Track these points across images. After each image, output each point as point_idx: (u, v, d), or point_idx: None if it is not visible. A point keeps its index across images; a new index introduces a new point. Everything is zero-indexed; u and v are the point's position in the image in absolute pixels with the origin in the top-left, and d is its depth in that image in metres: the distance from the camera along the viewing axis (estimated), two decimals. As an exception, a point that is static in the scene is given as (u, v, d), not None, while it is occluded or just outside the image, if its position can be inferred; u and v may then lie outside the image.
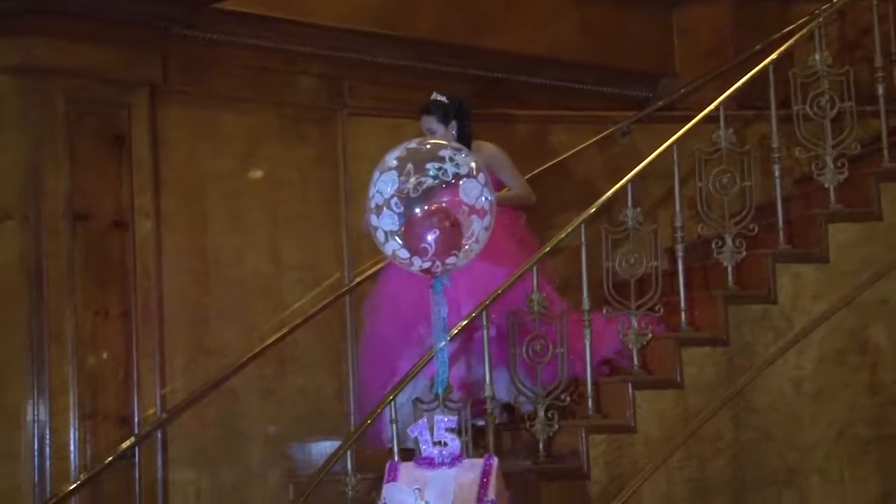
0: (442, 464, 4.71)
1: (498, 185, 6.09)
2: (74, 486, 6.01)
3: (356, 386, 6.78)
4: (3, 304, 6.12)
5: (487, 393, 5.73)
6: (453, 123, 6.35)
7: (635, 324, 6.03)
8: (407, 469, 4.76)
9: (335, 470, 5.55)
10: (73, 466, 6.08)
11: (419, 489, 4.40)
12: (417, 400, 5.55)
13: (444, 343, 5.17)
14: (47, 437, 6.05)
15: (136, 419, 6.29)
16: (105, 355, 6.29)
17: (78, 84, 6.30)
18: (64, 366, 6.12)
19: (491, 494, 4.62)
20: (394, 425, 5.47)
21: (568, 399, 5.90)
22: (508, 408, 6.16)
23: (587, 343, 5.95)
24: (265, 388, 6.83)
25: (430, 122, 6.34)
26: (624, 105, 8.10)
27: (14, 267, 6.14)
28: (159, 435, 6.38)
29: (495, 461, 4.77)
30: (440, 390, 5.43)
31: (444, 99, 6.38)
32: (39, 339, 6.12)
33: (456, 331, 5.63)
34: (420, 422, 4.84)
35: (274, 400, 6.84)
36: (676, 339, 6.14)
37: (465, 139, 6.26)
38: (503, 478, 4.76)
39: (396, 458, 5.23)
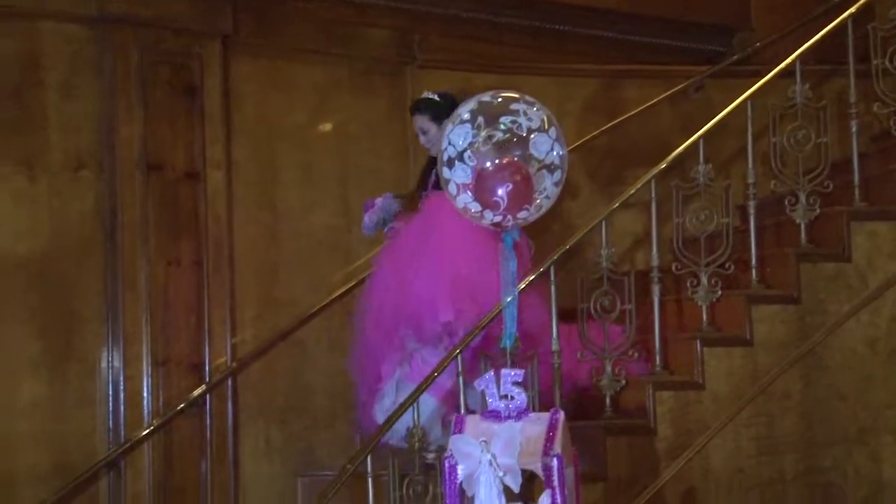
0: (508, 417, 4.75)
1: None
2: (147, 431, 6.14)
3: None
4: (79, 254, 6.20)
5: (554, 347, 5.77)
6: (446, 122, 6.09)
7: (704, 281, 6.05)
8: (473, 422, 4.80)
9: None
10: (145, 413, 6.20)
11: (485, 441, 4.44)
12: (484, 355, 5.60)
13: (511, 297, 5.22)
14: (121, 383, 6.18)
15: (206, 367, 6.40)
16: (177, 304, 6.38)
17: (151, 34, 6.36)
18: (137, 314, 6.23)
19: (557, 448, 4.66)
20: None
21: (636, 355, 5.92)
22: None
23: (656, 303, 5.97)
24: (332, 339, 6.88)
25: (423, 121, 6.19)
26: (697, 60, 8.02)
27: (89, 216, 6.23)
28: (230, 383, 6.48)
29: (562, 415, 4.81)
30: (508, 344, 5.49)
31: (435, 97, 6.19)
32: (114, 288, 6.23)
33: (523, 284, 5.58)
34: (487, 375, 4.90)
35: (341, 352, 6.90)
36: (747, 297, 6.13)
37: None
38: (569, 432, 4.82)
39: (463, 410, 5.31)
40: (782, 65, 6.32)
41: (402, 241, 6.07)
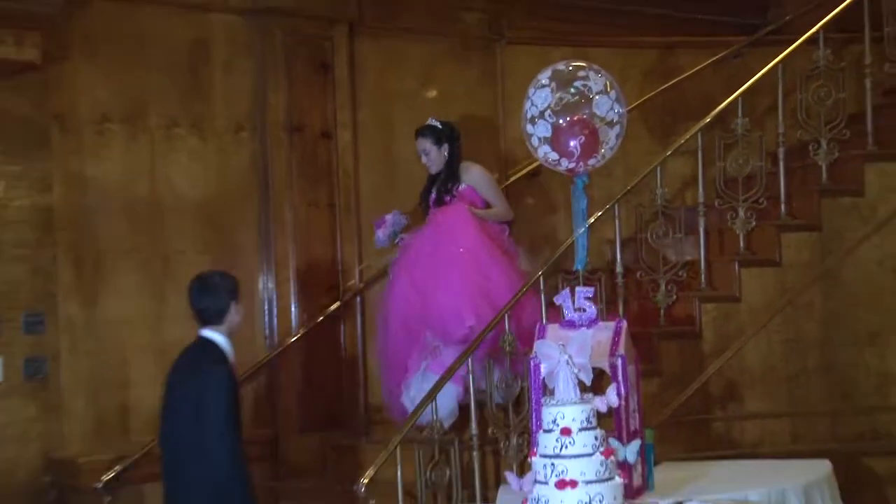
0: (581, 325, 4.83)
1: (483, 204, 5.98)
2: (294, 339, 6.29)
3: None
4: (240, 199, 6.33)
5: (619, 269, 5.84)
6: (445, 145, 5.96)
7: (742, 214, 6.09)
8: (553, 330, 4.90)
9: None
10: (293, 324, 6.34)
11: (563, 345, 4.53)
12: (563, 272, 5.67)
13: (583, 230, 5.32)
14: (274, 301, 6.33)
15: (340, 288, 6.51)
16: (316, 237, 6.48)
17: (292, 22, 6.43)
18: (285, 246, 6.36)
19: (621, 350, 4.77)
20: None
21: (685, 275, 5.99)
22: None
23: (701, 232, 5.98)
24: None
25: (425, 143, 5.97)
26: (737, 31, 7.93)
27: (246, 168, 6.36)
28: (358, 300, 6.60)
29: (625, 324, 4.90)
30: (580, 267, 5.59)
31: (437, 124, 5.98)
32: (266, 226, 6.36)
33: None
34: (564, 291, 5.00)
35: None
36: (777, 226, 6.18)
37: (454, 159, 5.98)
38: (631, 338, 4.92)
39: (545, 321, 5.32)
40: (808, 34, 6.29)
41: (416, 253, 5.84)
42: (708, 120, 6.10)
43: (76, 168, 5.79)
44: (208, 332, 4.59)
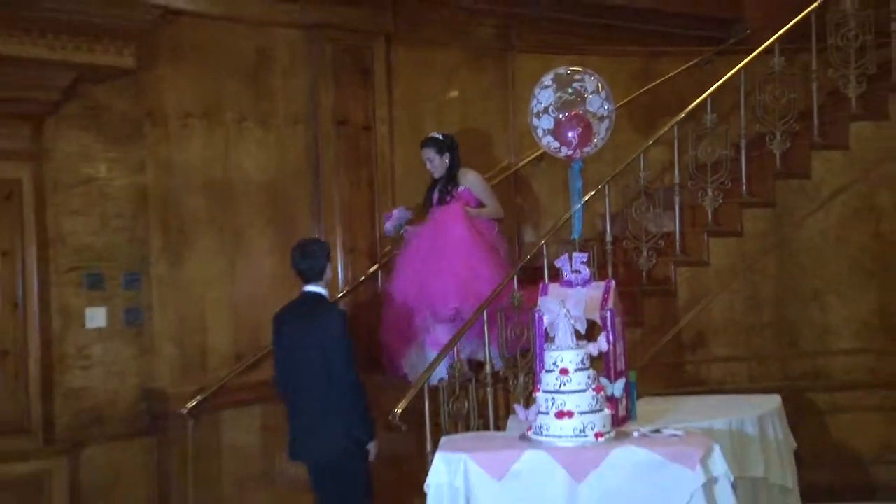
0: (577, 285, 4.84)
1: (478, 204, 5.92)
2: (341, 294, 6.29)
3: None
4: (296, 181, 6.31)
5: (608, 239, 5.83)
6: (446, 153, 5.91)
7: (711, 193, 6.07)
8: (554, 288, 4.91)
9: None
10: (340, 282, 6.35)
11: (562, 300, 4.55)
12: (568, 242, 5.63)
13: (579, 205, 5.29)
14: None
15: (377, 253, 6.51)
16: (359, 212, 6.49)
17: (339, 34, 6.40)
18: (333, 219, 6.37)
19: (610, 305, 4.77)
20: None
21: (663, 243, 5.97)
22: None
23: (677, 208, 5.94)
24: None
25: (430, 152, 5.91)
26: (707, 42, 7.85)
27: (302, 155, 6.34)
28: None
29: (613, 283, 4.90)
30: (576, 237, 5.58)
31: (439, 136, 5.93)
32: (318, 202, 6.36)
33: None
34: (563, 256, 5.00)
35: None
36: (739, 203, 6.16)
37: (454, 165, 5.93)
38: (619, 295, 4.93)
39: (547, 280, 5.33)
40: (765, 45, 6.24)
41: (417, 246, 5.81)
42: (682, 115, 6.09)
43: (164, 154, 5.81)
44: (312, 287, 4.79)
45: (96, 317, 5.50)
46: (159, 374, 5.69)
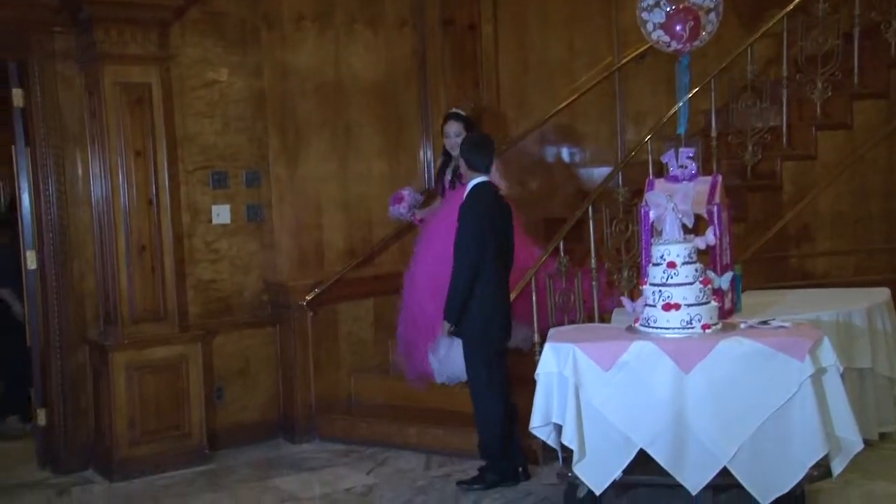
0: (684, 179, 4.71)
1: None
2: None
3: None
4: (404, 81, 6.24)
5: (714, 134, 5.62)
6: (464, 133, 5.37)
7: (820, 85, 5.76)
8: (660, 183, 4.79)
9: (612, 185, 5.51)
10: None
11: (670, 195, 4.44)
12: (672, 138, 5.46)
13: (684, 100, 5.11)
14: (431, 161, 6.25)
15: None
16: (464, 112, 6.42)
17: None
18: (439, 119, 6.11)
19: (716, 199, 4.64)
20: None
21: (769, 138, 5.75)
22: None
23: (784, 101, 5.67)
24: (564, 133, 6.86)
25: (458, 126, 5.41)
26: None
27: (409, 56, 6.27)
28: (499, 162, 6.49)
29: (720, 178, 4.76)
30: (682, 132, 5.40)
31: (462, 112, 5.52)
32: (425, 102, 6.29)
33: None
34: (669, 151, 4.85)
35: (573, 140, 6.88)
36: (850, 95, 5.87)
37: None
38: (724, 189, 4.78)
39: (652, 176, 5.22)
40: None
41: (434, 230, 5.39)
42: (791, 7, 5.75)
43: (280, 58, 5.80)
44: (483, 178, 4.72)
45: (222, 213, 5.62)
46: (280, 267, 5.81)
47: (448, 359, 5.24)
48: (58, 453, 5.25)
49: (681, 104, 5.13)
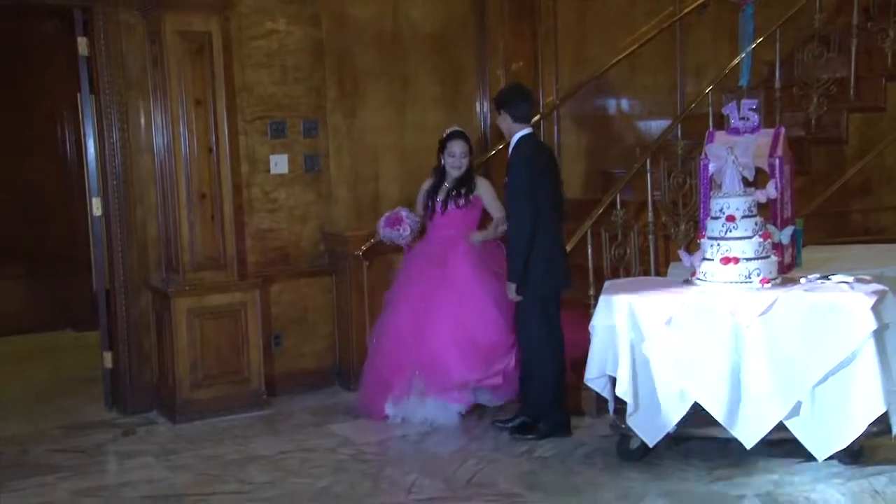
0: (745, 131, 4.65)
1: (481, 217, 5.15)
2: (502, 146, 6.02)
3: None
4: (462, 31, 6.13)
5: (777, 85, 5.46)
6: (469, 155, 5.15)
7: (893, 34, 5.55)
8: (720, 136, 4.73)
9: (670, 138, 5.40)
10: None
11: (730, 147, 4.37)
12: (733, 90, 5.32)
13: (748, 51, 4.97)
14: (487, 114, 6.17)
15: (541, 102, 6.32)
16: (521, 63, 6.31)
17: None
18: (497, 69, 6.20)
19: (779, 152, 4.56)
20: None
21: (835, 89, 5.59)
22: None
23: (853, 50, 5.48)
24: (622, 85, 6.76)
25: (465, 146, 5.12)
26: None
27: (467, 5, 6.15)
28: (556, 114, 6.45)
29: (783, 130, 4.67)
30: (745, 83, 5.28)
31: (465, 132, 5.20)
32: (483, 53, 6.18)
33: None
34: (731, 103, 4.75)
35: (631, 91, 6.76)
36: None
37: (472, 168, 5.20)
38: (787, 142, 4.68)
39: (712, 128, 5.09)
40: None
41: (419, 272, 5.06)
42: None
43: (338, 8, 5.75)
44: (528, 129, 4.68)
45: (280, 163, 5.65)
46: (336, 217, 5.83)
47: (413, 413, 4.90)
48: (123, 395, 5.40)
49: (744, 55, 5.03)
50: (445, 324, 4.87)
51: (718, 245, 4.13)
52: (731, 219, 4.14)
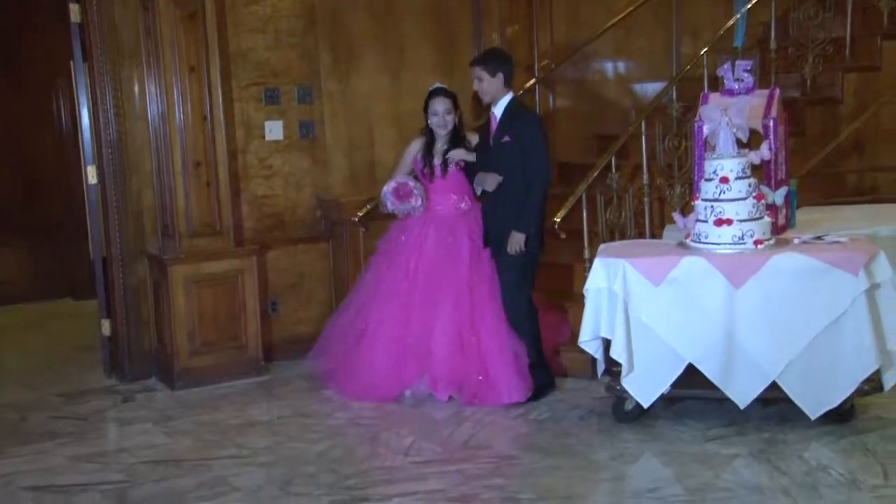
0: (740, 93, 4.60)
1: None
2: None
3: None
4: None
5: (772, 46, 5.42)
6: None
7: None
8: (715, 97, 4.68)
9: (665, 100, 5.35)
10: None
11: (724, 109, 4.34)
12: (728, 52, 5.29)
13: (744, 10, 4.92)
14: None
15: (535, 67, 6.34)
16: (516, 26, 6.31)
17: None
18: (492, 34, 6.16)
19: (773, 113, 4.52)
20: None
21: (830, 49, 5.53)
22: None
23: (849, 9, 5.43)
24: (617, 47, 6.67)
25: (447, 102, 4.87)
26: None
27: None
28: (551, 76, 6.44)
29: (777, 91, 4.63)
30: (739, 44, 5.23)
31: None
32: (478, 23, 6.11)
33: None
34: (726, 63, 4.71)
35: (626, 54, 6.70)
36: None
37: (461, 125, 4.95)
38: (782, 103, 4.64)
39: (707, 89, 5.09)
40: None
41: (417, 261, 4.85)
42: None
43: (329, -28, 5.71)
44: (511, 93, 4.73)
45: (274, 129, 5.62)
46: (332, 184, 5.81)
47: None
48: (122, 362, 5.42)
49: (738, 15, 4.97)
50: (493, 343, 4.60)
51: (712, 207, 4.12)
52: (724, 180, 4.12)
